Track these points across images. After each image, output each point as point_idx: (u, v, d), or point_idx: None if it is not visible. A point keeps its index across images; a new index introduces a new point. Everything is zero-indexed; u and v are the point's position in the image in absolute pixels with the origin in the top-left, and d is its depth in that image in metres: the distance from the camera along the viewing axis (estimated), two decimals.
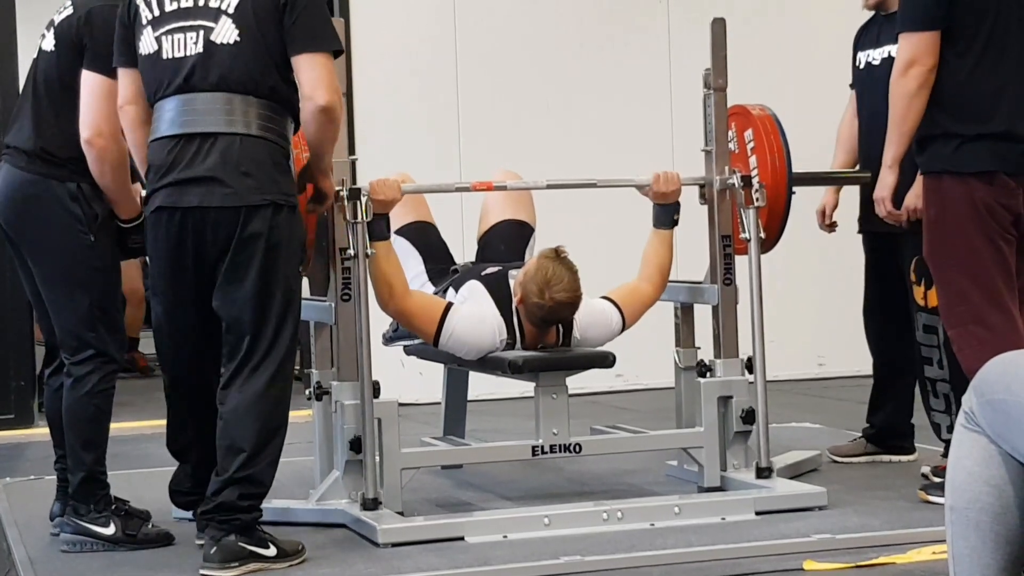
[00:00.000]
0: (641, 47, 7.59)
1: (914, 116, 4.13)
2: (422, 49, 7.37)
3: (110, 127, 3.94)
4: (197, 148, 3.74)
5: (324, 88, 3.74)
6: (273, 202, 3.74)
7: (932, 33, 4.09)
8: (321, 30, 3.81)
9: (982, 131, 4.08)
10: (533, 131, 7.35)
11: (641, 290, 4.62)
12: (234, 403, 3.76)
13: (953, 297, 4.15)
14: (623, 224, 5.26)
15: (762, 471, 4.42)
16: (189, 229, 3.75)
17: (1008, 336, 4.03)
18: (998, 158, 4.09)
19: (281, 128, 3.80)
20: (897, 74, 4.13)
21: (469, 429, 5.33)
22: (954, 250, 4.13)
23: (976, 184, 4.08)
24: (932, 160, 4.16)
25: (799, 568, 3.64)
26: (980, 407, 2.54)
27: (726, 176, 4.57)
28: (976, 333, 4.08)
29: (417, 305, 4.45)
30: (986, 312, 4.09)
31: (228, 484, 3.71)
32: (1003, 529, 2.52)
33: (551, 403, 4.40)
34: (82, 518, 4.01)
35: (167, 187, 3.77)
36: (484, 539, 3.97)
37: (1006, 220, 4.11)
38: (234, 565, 3.68)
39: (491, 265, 4.69)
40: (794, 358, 7.31)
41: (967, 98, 4.10)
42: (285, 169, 3.81)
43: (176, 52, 3.80)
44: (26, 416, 6.75)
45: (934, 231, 4.18)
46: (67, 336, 4.04)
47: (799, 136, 4.86)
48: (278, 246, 3.76)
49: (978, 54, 4.10)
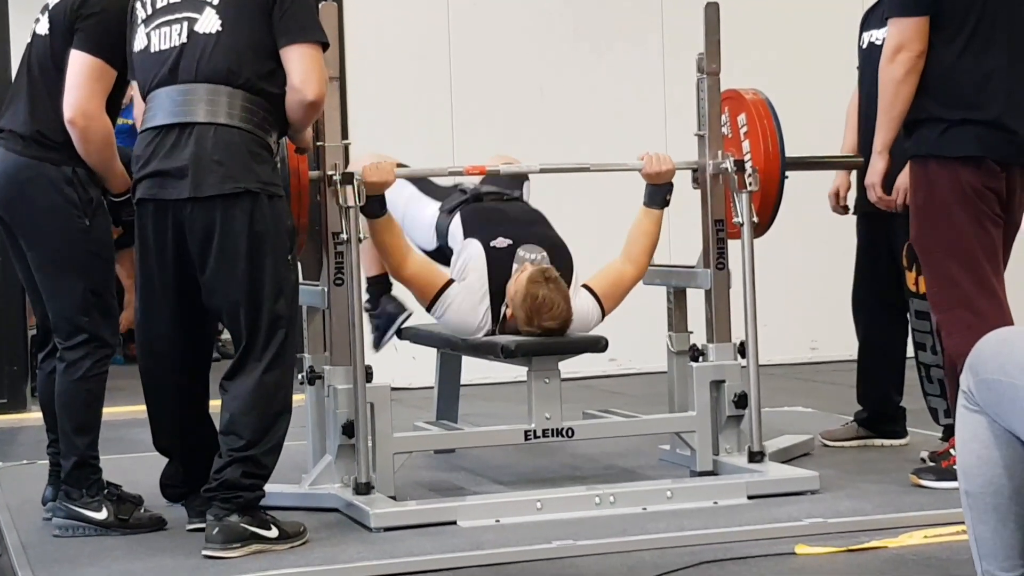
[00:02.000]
0: (634, 31, 7.58)
1: (903, 101, 4.15)
2: (415, 33, 7.36)
3: (94, 106, 3.94)
4: (175, 139, 3.76)
5: (314, 82, 3.77)
6: (248, 190, 3.73)
7: (921, 19, 4.10)
8: (310, 23, 3.84)
9: (969, 117, 4.10)
10: (526, 115, 7.34)
11: (624, 275, 4.61)
12: (234, 392, 3.77)
13: (941, 282, 4.16)
14: (616, 208, 5.26)
15: (754, 455, 4.42)
16: (169, 222, 3.77)
17: (996, 321, 4.02)
18: (985, 145, 4.10)
19: (259, 119, 3.78)
20: (886, 60, 4.15)
21: (462, 413, 5.33)
22: (942, 235, 4.14)
23: (962, 168, 4.09)
24: (919, 144, 4.17)
25: (791, 552, 3.65)
26: (977, 386, 2.55)
27: (719, 160, 4.57)
28: (964, 318, 4.09)
29: (416, 275, 4.48)
30: (974, 297, 4.11)
31: (231, 463, 3.73)
32: (1021, 508, 2.53)
33: (544, 387, 4.40)
34: (74, 503, 4.01)
35: (147, 178, 3.79)
36: (476, 523, 3.97)
37: (993, 202, 4.13)
38: (236, 546, 3.69)
39: (502, 233, 4.60)
40: (787, 342, 7.32)
41: (954, 84, 4.11)
42: (264, 159, 3.79)
43: (163, 44, 3.84)
44: (19, 401, 6.75)
45: (922, 216, 4.19)
46: (60, 321, 4.04)
47: (792, 121, 4.85)
48: (261, 236, 3.74)
49: (966, 40, 4.12)
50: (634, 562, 3.61)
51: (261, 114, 3.79)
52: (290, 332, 3.86)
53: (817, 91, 5.59)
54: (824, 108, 5.16)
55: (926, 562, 3.53)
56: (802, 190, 5.09)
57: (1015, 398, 2.48)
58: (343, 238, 4.13)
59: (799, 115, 5.30)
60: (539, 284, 4.39)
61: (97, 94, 3.94)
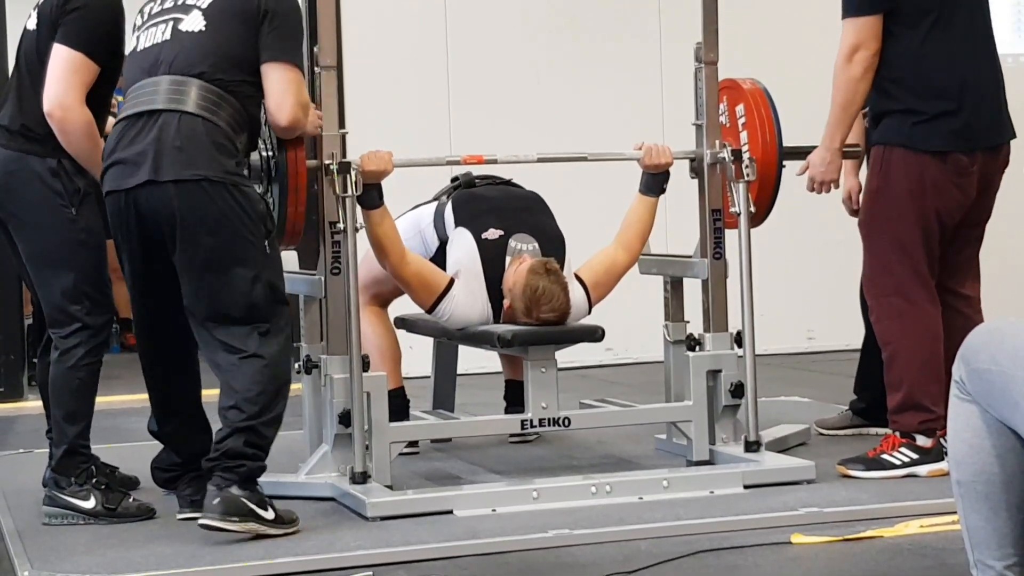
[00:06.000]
0: (632, 20, 7.57)
1: (860, 101, 4.31)
2: (413, 23, 7.35)
3: (72, 98, 3.95)
4: (141, 126, 3.78)
5: (287, 107, 3.81)
6: (206, 177, 3.71)
7: (876, 17, 4.23)
8: (294, 44, 3.88)
9: (937, 106, 4.20)
10: (523, 105, 7.33)
11: (616, 262, 4.61)
12: (226, 381, 3.78)
13: (879, 267, 4.32)
14: (613, 197, 5.25)
15: (751, 445, 4.42)
16: (132, 211, 3.79)
17: (927, 309, 4.25)
18: (952, 136, 4.23)
19: (227, 115, 3.78)
20: (842, 59, 4.27)
21: (458, 403, 5.34)
22: (888, 223, 4.28)
23: (929, 161, 4.22)
24: (887, 133, 4.30)
25: (787, 541, 3.65)
26: (968, 376, 2.55)
27: (716, 150, 4.56)
28: (896, 304, 4.27)
29: (416, 276, 4.47)
30: (908, 286, 4.27)
31: (233, 433, 3.73)
32: (1013, 497, 2.53)
33: (540, 377, 4.40)
34: (63, 491, 4.02)
35: (112, 166, 3.81)
36: (473, 512, 3.97)
37: (954, 199, 4.23)
38: (234, 519, 3.69)
39: (493, 223, 4.61)
40: (783, 332, 7.32)
41: (923, 69, 4.22)
42: (228, 151, 3.77)
43: (147, 43, 3.89)
44: (16, 390, 6.74)
45: (872, 200, 4.34)
46: (53, 311, 4.05)
47: (790, 110, 4.85)
48: (224, 228, 3.72)
49: (930, 24, 4.21)
50: (630, 551, 3.61)
51: (230, 111, 3.79)
52: (277, 313, 3.83)
53: (815, 81, 5.54)
54: (822, 98, 5.13)
55: (921, 551, 3.53)
56: (799, 181, 5.07)
57: (1006, 388, 2.48)
58: (340, 227, 4.13)
59: (797, 105, 5.28)
60: (540, 276, 4.40)
61: (75, 87, 3.95)
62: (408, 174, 4.63)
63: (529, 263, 4.44)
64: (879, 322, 4.33)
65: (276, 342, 3.81)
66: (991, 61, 4.35)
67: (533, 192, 4.88)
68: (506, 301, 4.47)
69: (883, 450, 4.33)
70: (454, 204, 4.70)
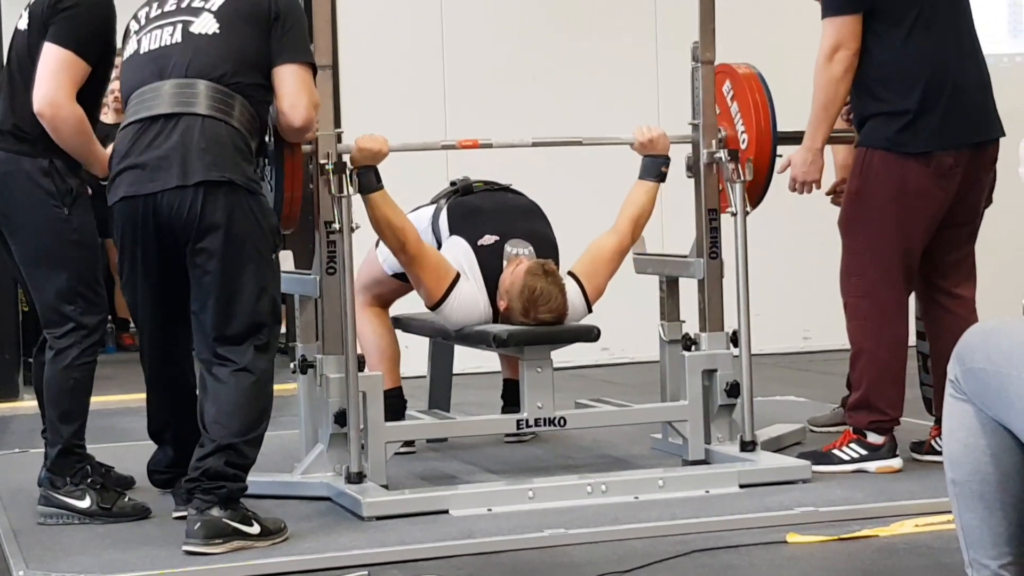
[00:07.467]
0: (628, 16, 7.57)
1: (840, 100, 4.32)
2: (408, 19, 7.35)
3: (61, 95, 3.94)
4: (159, 130, 3.74)
5: (302, 107, 3.82)
6: (231, 180, 3.70)
7: (856, 16, 4.26)
8: (305, 45, 3.90)
9: (921, 104, 4.21)
10: (519, 102, 7.32)
11: (604, 246, 4.60)
12: (217, 388, 3.73)
13: (853, 268, 4.37)
14: (609, 189, 5.25)
15: (746, 444, 4.42)
16: (151, 217, 3.74)
17: (892, 316, 4.32)
18: (935, 135, 4.24)
19: (245, 119, 3.77)
20: (823, 59, 4.28)
21: (454, 402, 5.33)
22: (866, 226, 4.31)
23: (912, 165, 4.24)
24: (872, 136, 4.31)
25: (783, 541, 3.66)
26: (963, 375, 2.56)
27: (713, 150, 4.56)
28: (863, 307, 4.33)
29: (433, 256, 4.47)
30: (878, 289, 4.31)
31: (214, 452, 3.69)
32: (1008, 496, 2.53)
33: (536, 376, 4.40)
34: (58, 491, 4.02)
35: (127, 171, 3.76)
36: (469, 512, 3.97)
37: (937, 202, 4.25)
38: (218, 542, 3.64)
39: (489, 230, 4.60)
40: (779, 332, 7.31)
41: (906, 70, 4.22)
42: (247, 157, 3.77)
43: (152, 45, 3.85)
44: (11, 389, 6.73)
45: (852, 201, 4.36)
46: (47, 311, 4.05)
47: (785, 97, 4.82)
48: (241, 238, 3.71)
49: (911, 23, 4.22)
50: (626, 551, 3.61)
51: (247, 115, 3.78)
52: (273, 329, 3.83)
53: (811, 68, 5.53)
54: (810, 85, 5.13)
55: (917, 550, 3.54)
56: None
57: (1001, 387, 2.48)
58: (335, 227, 4.12)
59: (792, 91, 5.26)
60: (538, 277, 4.40)
61: (64, 84, 3.94)
62: (405, 178, 4.64)
63: (526, 264, 4.45)
64: (848, 321, 4.39)
65: (266, 359, 3.80)
66: (975, 59, 4.34)
67: (530, 200, 4.87)
68: (502, 302, 4.47)
69: (835, 445, 4.38)
70: (449, 212, 4.69)
